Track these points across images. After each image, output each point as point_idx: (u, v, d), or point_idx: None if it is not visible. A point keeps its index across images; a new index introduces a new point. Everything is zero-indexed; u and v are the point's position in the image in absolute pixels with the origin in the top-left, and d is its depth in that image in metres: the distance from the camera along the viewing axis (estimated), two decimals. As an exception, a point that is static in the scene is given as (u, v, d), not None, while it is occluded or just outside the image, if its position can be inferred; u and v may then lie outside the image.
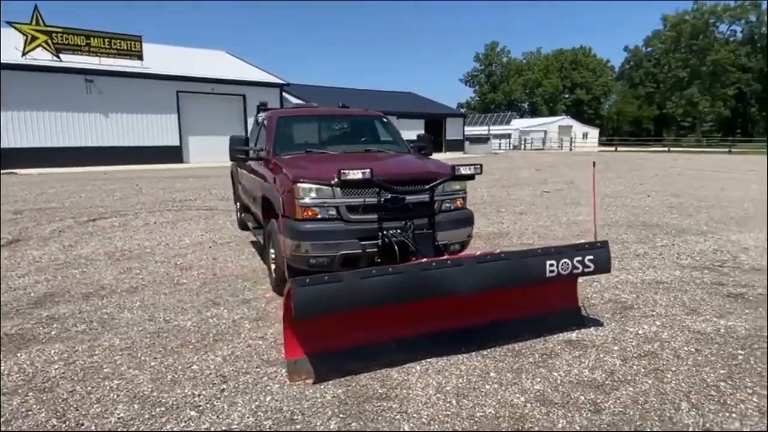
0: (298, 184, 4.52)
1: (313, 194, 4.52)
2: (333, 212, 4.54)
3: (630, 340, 3.92)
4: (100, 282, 5.62)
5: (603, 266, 3.96)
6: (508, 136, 54.31)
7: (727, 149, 43.31)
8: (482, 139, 40.31)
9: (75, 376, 3.46)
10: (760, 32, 61.05)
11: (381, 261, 4.41)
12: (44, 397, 3.18)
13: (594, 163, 5.29)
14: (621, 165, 25.95)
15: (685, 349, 3.75)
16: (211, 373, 3.48)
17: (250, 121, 29.05)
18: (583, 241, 4.11)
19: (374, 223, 4.49)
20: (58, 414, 3.00)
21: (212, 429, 2.83)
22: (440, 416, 2.93)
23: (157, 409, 3.03)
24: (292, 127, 6.12)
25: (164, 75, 26.79)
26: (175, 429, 2.83)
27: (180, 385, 3.33)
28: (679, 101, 59.83)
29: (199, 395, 3.19)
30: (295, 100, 30.34)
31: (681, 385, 3.22)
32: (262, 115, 7.01)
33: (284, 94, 30.87)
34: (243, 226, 8.26)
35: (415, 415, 2.94)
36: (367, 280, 3.26)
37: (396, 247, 4.25)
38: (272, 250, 5.21)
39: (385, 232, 4.37)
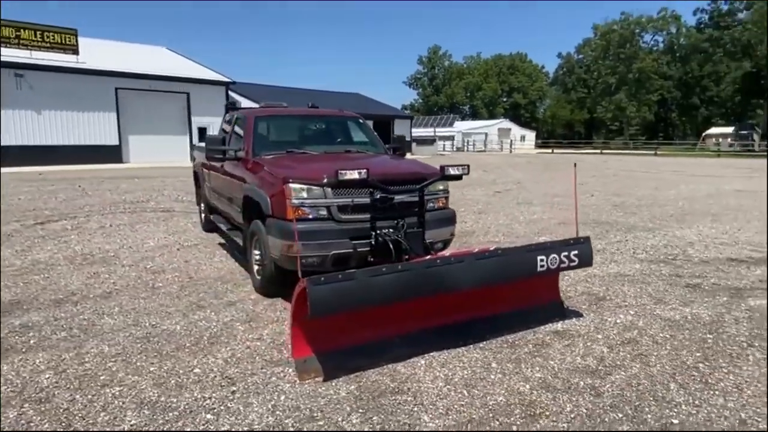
0: (289, 185, 4.51)
1: (304, 194, 4.52)
2: (324, 212, 4.57)
3: (611, 329, 4.21)
4: (68, 288, 5.35)
5: (586, 260, 4.24)
6: (452, 138, 55.55)
7: (653, 151, 46.34)
8: (428, 141, 40.95)
9: (70, 384, 3.31)
10: (679, 43, 65.80)
11: (374, 260, 4.48)
12: (43, 408, 3.03)
13: (575, 164, 5.61)
14: (561, 166, 27.26)
15: (661, 335, 4.08)
16: (216, 376, 3.44)
17: (196, 120, 28.32)
18: (567, 237, 4.36)
19: (365, 222, 4.56)
20: (64, 424, 2.87)
21: (234, 430, 2.81)
22: (455, 406, 3.05)
23: (170, 414, 2.97)
24: (270, 127, 6.07)
25: (102, 71, 25.44)
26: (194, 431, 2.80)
27: (186, 389, 3.26)
28: (609, 106, 63.45)
29: (209, 398, 3.15)
30: (241, 99, 29.71)
31: (665, 368, 3.51)
32: (231, 115, 6.89)
33: (230, 92, 30.11)
34: (209, 227, 8.07)
35: (431, 406, 3.05)
36: (377, 278, 3.33)
37: (391, 246, 4.34)
38: (256, 252, 5.16)
39: (378, 232, 4.45)
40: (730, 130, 50.95)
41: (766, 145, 43.26)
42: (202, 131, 28.07)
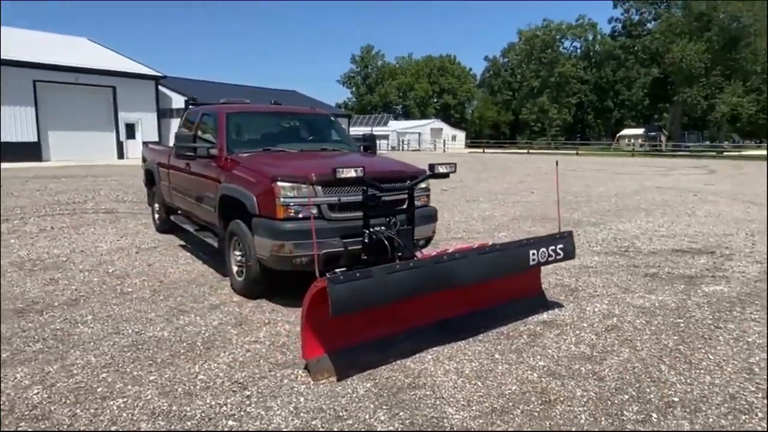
0: (278, 183, 4.43)
1: (293, 193, 4.45)
2: (314, 211, 4.51)
3: (592, 318, 4.49)
4: (26, 296, 4.93)
5: (570, 254, 4.48)
6: (387, 137, 56.04)
7: (575, 151, 49.16)
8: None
9: (65, 399, 3.08)
10: (594, 50, 70.25)
11: (367, 258, 4.49)
12: (43, 426, 2.81)
13: (557, 162, 5.89)
14: (494, 165, 28.34)
15: (638, 321, 4.40)
16: (224, 381, 3.32)
17: (123, 116, 26.71)
18: (553, 232, 4.58)
19: (356, 221, 4.55)
20: (73, 441, 2.68)
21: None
22: (475, 397, 3.14)
23: (188, 423, 2.85)
24: (243, 124, 5.88)
25: (18, 61, 23.36)
26: (223, 439, 2.70)
27: (197, 396, 3.14)
28: (533, 108, 66.64)
29: (225, 404, 3.04)
30: (173, 95, 28.39)
31: (652, 351, 3.80)
32: (195, 111, 6.62)
33: (161, 87, 28.65)
34: (165, 229, 7.71)
35: (451, 399, 3.12)
36: (393, 276, 3.36)
37: (387, 243, 4.37)
38: (237, 253, 5.01)
39: (371, 230, 4.46)
40: (640, 131, 55.02)
41: (672, 146, 47.13)
42: (130, 128, 26.58)
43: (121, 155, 26.88)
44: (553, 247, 4.31)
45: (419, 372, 3.47)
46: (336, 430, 2.80)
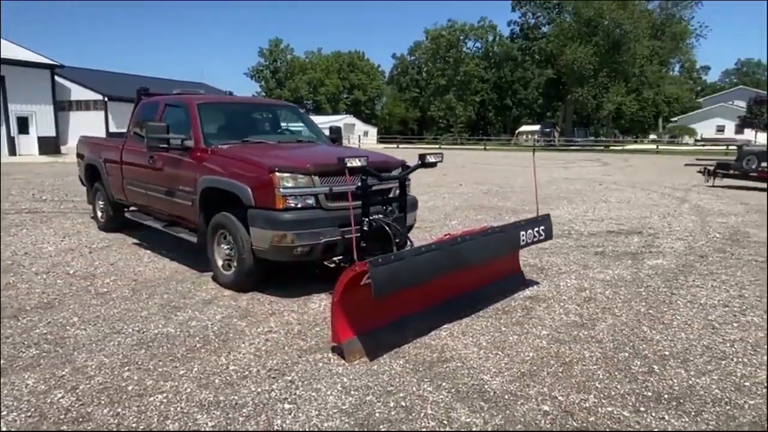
0: (277, 174, 4.43)
1: (292, 183, 4.47)
2: (311, 201, 4.57)
3: (569, 291, 4.97)
4: (-13, 302, 4.49)
5: (549, 234, 4.92)
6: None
7: (482, 146, 51.86)
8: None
9: (98, 400, 2.94)
10: (493, 51, 74.25)
11: (366, 246, 4.62)
12: (89, 427, 2.68)
13: (533, 150, 6.34)
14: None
15: (608, 293, 4.94)
16: (259, 370, 3.33)
17: (15, 108, 24.04)
18: (531, 216, 5.00)
19: (356, 209, 4.66)
20: (132, 437, 2.60)
21: (322, 413, 2.83)
22: (502, 364, 3.43)
23: (245, 410, 2.85)
24: (215, 115, 5.71)
25: None
26: (293, 426, 2.75)
27: (239, 385, 3.13)
28: (440, 105, 69.09)
29: (271, 390, 3.07)
30: (72, 85, 26.01)
31: (629, 316, 4.32)
32: (152, 102, 6.31)
33: (57, 77, 26.11)
34: (113, 227, 7.26)
35: (482, 368, 3.38)
36: (419, 257, 3.54)
37: (389, 230, 4.53)
38: (225, 246, 4.92)
39: (370, 218, 4.59)
40: (537, 127, 59.22)
41: (564, 141, 51.25)
42: (22, 121, 24.00)
43: (12, 152, 24.17)
44: (537, 229, 4.72)
45: (441, 347, 3.69)
46: (391, 403, 2.95)
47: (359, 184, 4.72)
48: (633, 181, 16.71)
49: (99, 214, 7.52)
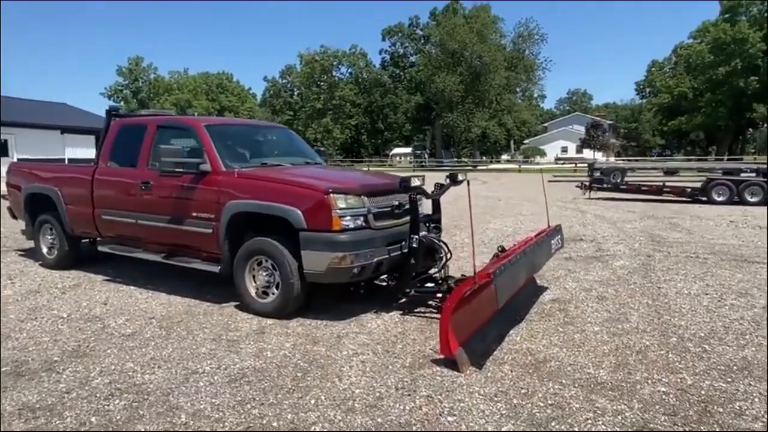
0: (332, 195, 4.40)
1: (345, 204, 4.48)
2: (361, 221, 4.60)
3: (579, 293, 5.50)
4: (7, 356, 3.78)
5: (563, 243, 5.49)
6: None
7: (366, 168, 53.46)
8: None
9: (255, 440, 2.73)
10: (363, 77, 77.16)
11: (415, 262, 4.75)
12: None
13: (541, 170, 6.84)
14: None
15: (609, 290, 5.56)
16: (387, 390, 3.31)
17: None
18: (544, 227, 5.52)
19: (400, 227, 4.79)
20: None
21: (489, 420, 2.94)
22: (593, 359, 3.78)
23: (415, 428, 2.86)
24: (225, 138, 5.38)
25: None
26: (486, 425, 2.83)
27: (384, 406, 3.10)
28: (318, 128, 69.73)
29: (419, 406, 3.10)
30: None
31: (645, 308, 4.95)
32: (139, 124, 5.78)
33: None
34: (66, 264, 6.40)
35: (580, 364, 3.69)
36: (516, 265, 3.81)
37: (439, 245, 4.71)
38: (262, 273, 4.70)
39: (419, 235, 4.73)
40: (409, 149, 62.64)
41: (434, 162, 54.87)
42: None
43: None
44: (558, 238, 5.25)
45: (527, 350, 3.96)
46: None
47: (396, 203, 4.89)
48: (523, 196, 18.50)
49: (45, 249, 6.55)
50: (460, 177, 5.24)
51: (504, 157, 68.27)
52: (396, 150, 66.79)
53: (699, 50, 51.30)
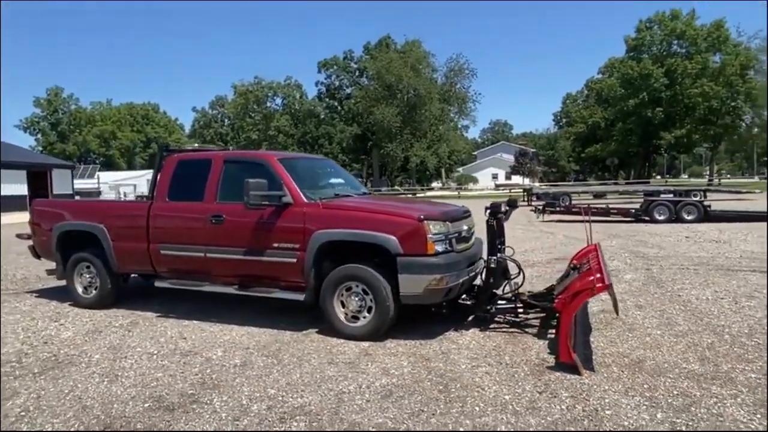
0: (426, 222, 4.76)
1: (437, 229, 4.85)
2: (447, 245, 4.97)
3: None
4: (114, 402, 3.74)
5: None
6: (98, 191, 49.13)
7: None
8: (94, 194, 36.00)
9: (458, 444, 3.00)
10: (296, 108, 77.60)
11: (493, 282, 5.17)
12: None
13: (570, 195, 7.41)
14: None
15: (641, 300, 6.21)
16: (538, 398, 3.66)
17: None
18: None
19: (470, 249, 5.25)
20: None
21: (646, 414, 3.38)
22: (680, 357, 4.33)
23: (607, 425, 3.24)
24: (298, 171, 5.54)
25: None
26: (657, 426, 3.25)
27: (546, 401, 3.47)
28: (253, 159, 69.11)
29: (580, 398, 3.48)
30: None
31: (683, 313, 5.63)
32: (207, 160, 5.83)
33: None
34: (108, 302, 6.21)
35: (673, 362, 4.23)
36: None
37: (515, 264, 5.18)
38: (354, 298, 4.92)
39: (498, 255, 5.17)
40: (347, 179, 63.47)
41: (373, 189, 55.93)
42: None
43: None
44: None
45: (617, 353, 4.45)
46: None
47: (466, 228, 5.34)
48: (482, 219, 19.45)
49: (80, 289, 6.30)
50: (518, 203, 5.75)
51: (435, 184, 70.64)
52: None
53: (611, 84, 56.39)
